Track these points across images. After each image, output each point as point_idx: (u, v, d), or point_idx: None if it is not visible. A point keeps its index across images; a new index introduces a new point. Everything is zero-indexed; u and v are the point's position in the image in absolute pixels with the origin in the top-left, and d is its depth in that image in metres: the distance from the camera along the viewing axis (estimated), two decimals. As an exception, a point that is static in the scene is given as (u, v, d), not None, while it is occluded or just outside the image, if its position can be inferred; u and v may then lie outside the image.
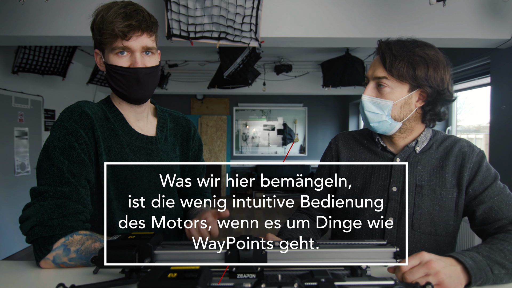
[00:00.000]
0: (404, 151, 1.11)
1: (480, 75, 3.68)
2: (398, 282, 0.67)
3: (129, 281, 0.73)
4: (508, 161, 2.98)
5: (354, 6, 2.69)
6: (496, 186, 1.02)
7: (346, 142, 1.22)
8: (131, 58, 1.00)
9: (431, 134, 1.12)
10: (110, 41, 0.97)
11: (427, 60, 1.01)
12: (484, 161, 1.06)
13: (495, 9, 2.63)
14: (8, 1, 2.56)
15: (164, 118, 1.18)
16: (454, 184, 1.05)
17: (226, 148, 8.18)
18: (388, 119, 1.05)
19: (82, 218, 0.93)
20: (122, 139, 1.04)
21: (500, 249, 0.87)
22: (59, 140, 0.95)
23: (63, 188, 0.91)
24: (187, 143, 1.20)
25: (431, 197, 1.05)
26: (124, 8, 0.98)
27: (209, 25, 2.53)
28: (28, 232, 0.88)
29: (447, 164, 1.07)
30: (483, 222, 1.01)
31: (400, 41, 1.06)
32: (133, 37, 0.98)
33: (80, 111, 0.99)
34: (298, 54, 5.47)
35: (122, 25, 0.95)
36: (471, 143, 1.10)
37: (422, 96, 1.05)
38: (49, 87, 4.89)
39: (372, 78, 1.07)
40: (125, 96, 1.04)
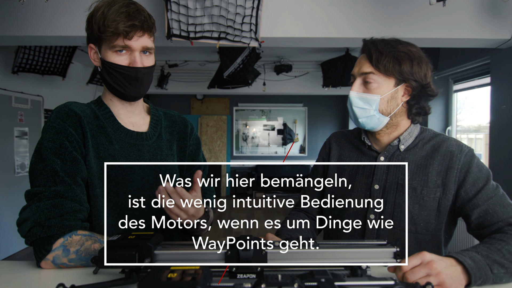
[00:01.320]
0: (388, 149, 1.12)
1: (480, 75, 3.68)
2: (398, 282, 0.67)
3: (129, 281, 0.73)
4: (508, 161, 2.98)
5: (354, 6, 2.69)
6: (489, 187, 1.02)
7: (338, 141, 1.25)
8: (130, 56, 1.00)
9: (418, 132, 1.13)
10: (111, 38, 0.97)
11: (411, 56, 1.04)
12: (474, 161, 1.05)
13: (495, 9, 2.63)
14: (8, 1, 2.56)
15: (158, 116, 1.17)
16: (438, 184, 1.05)
17: (226, 148, 8.18)
18: (376, 113, 1.07)
19: (80, 217, 0.93)
20: (111, 136, 1.04)
21: (498, 248, 0.87)
22: (49, 140, 0.95)
23: (58, 188, 0.91)
24: (184, 141, 1.20)
25: (411, 196, 1.06)
26: (126, 7, 0.98)
27: (209, 25, 2.53)
28: (27, 234, 0.88)
29: (432, 163, 1.06)
30: (479, 226, 1.00)
31: (384, 40, 1.09)
32: (135, 37, 0.98)
33: (67, 110, 0.99)
34: (298, 54, 5.47)
35: (125, 24, 0.95)
36: (460, 142, 1.09)
37: (408, 90, 1.07)
38: (49, 87, 4.89)
39: (359, 75, 1.09)
40: (120, 93, 1.04)
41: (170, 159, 1.14)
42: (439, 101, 4.27)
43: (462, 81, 4.02)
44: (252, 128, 8.39)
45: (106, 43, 0.99)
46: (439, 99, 4.27)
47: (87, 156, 0.99)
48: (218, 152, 8.16)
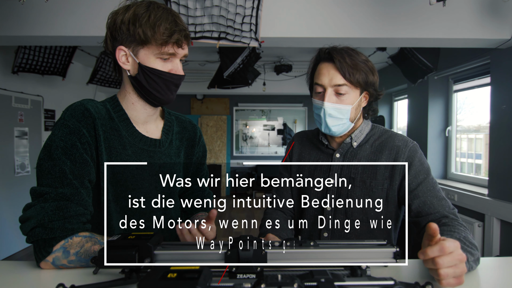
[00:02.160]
0: (342, 146, 1.23)
1: (480, 75, 3.68)
2: (398, 282, 0.68)
3: (129, 281, 0.73)
4: (508, 161, 2.98)
5: (354, 6, 2.69)
6: (428, 181, 1.13)
7: (300, 140, 1.36)
8: (171, 64, 1.02)
9: (369, 129, 1.25)
10: (159, 43, 0.97)
11: (370, 67, 1.17)
12: (416, 155, 1.16)
13: (495, 9, 2.63)
14: (8, 1, 2.56)
15: (171, 121, 1.18)
16: (386, 176, 1.17)
17: (226, 148, 8.18)
18: (347, 121, 1.18)
19: (83, 220, 0.92)
20: (125, 140, 1.03)
21: (458, 238, 0.89)
22: (61, 139, 0.93)
23: (65, 190, 0.90)
24: (192, 148, 1.20)
25: (361, 188, 1.18)
26: (170, 14, 0.98)
27: (209, 25, 2.53)
28: (29, 233, 0.88)
29: (380, 158, 1.18)
30: (417, 214, 1.11)
31: (344, 50, 1.17)
32: (184, 45, 1.01)
33: (83, 110, 0.97)
34: (298, 54, 5.47)
35: (181, 34, 0.97)
36: (406, 138, 1.21)
37: (366, 97, 1.20)
38: (49, 87, 4.89)
39: (331, 86, 1.15)
40: (155, 98, 1.04)
41: (177, 166, 1.15)
42: (439, 101, 4.27)
43: (462, 81, 4.02)
44: (252, 128, 8.39)
45: (151, 48, 0.98)
46: (439, 99, 4.27)
47: (100, 159, 0.98)
48: (218, 152, 8.16)
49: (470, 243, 0.90)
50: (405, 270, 0.90)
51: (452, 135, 4.22)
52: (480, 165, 3.95)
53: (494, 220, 3.12)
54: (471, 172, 4.07)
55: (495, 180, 3.12)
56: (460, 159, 4.23)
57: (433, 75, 4.15)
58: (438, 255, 0.70)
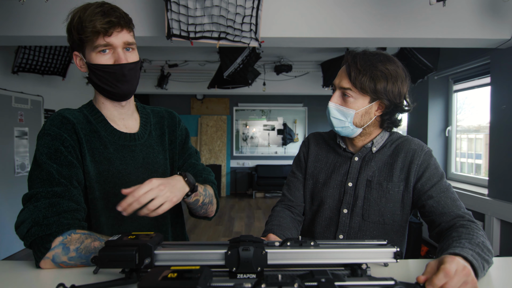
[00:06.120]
0: (362, 151, 1.24)
1: (480, 75, 3.68)
2: (398, 282, 0.68)
3: (129, 281, 0.73)
4: (508, 161, 2.98)
5: (354, 6, 2.69)
6: (442, 184, 1.13)
7: (316, 141, 1.35)
8: (113, 55, 1.01)
9: (387, 135, 1.24)
10: (91, 39, 0.98)
11: (387, 75, 1.12)
12: (432, 159, 1.17)
13: (495, 9, 2.63)
14: (8, 1, 2.56)
15: (147, 114, 1.20)
16: (402, 178, 1.17)
17: (226, 148, 8.18)
18: (350, 125, 1.17)
19: (78, 216, 0.93)
20: (105, 139, 1.06)
21: (477, 243, 0.88)
22: (45, 146, 0.97)
23: (55, 188, 0.92)
24: (174, 132, 1.22)
25: (378, 190, 1.18)
26: (100, 7, 0.99)
27: (209, 25, 2.53)
28: (26, 235, 0.88)
29: (396, 161, 1.18)
30: (431, 213, 1.11)
31: (365, 54, 1.15)
32: (114, 33, 0.99)
33: (61, 118, 1.02)
34: (298, 54, 5.47)
35: (102, 22, 0.96)
36: (421, 142, 1.21)
37: (381, 106, 1.16)
38: (49, 87, 4.89)
39: (338, 88, 1.17)
40: (111, 93, 1.05)
41: (161, 155, 1.16)
42: (439, 101, 4.27)
43: (462, 81, 4.02)
44: (252, 128, 8.39)
45: (88, 45, 1.00)
46: (439, 99, 4.27)
47: (84, 161, 1.01)
48: (218, 152, 8.16)
49: (488, 249, 0.89)
50: (405, 270, 0.91)
51: (452, 135, 4.22)
52: (480, 165, 3.95)
53: (494, 220, 3.12)
54: (471, 172, 4.07)
55: (495, 180, 3.12)
56: (460, 159, 4.23)
57: (433, 75, 4.15)
58: (446, 281, 0.71)
